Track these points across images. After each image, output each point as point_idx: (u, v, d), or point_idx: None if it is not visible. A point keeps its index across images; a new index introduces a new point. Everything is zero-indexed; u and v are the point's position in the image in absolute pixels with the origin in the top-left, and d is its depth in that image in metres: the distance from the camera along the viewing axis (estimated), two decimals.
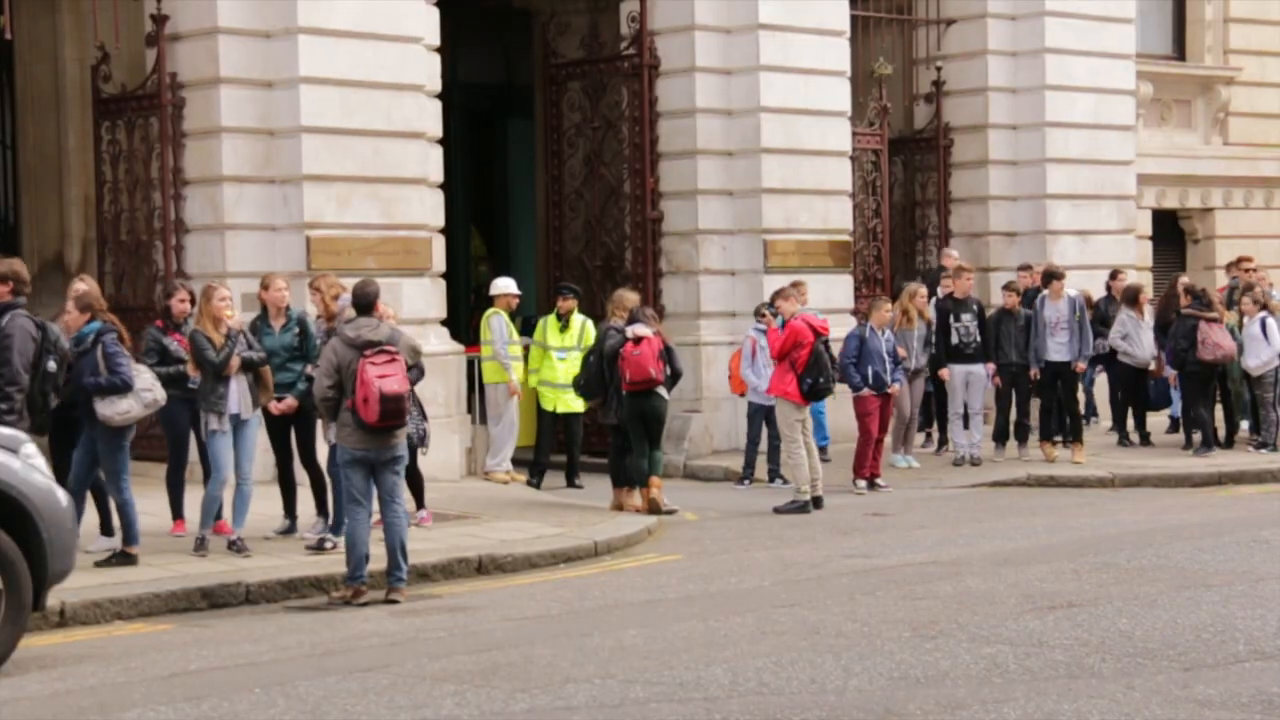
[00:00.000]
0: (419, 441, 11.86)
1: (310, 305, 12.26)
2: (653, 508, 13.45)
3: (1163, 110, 22.52)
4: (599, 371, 14.01)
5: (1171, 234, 22.70)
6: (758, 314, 15.65)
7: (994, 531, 12.55)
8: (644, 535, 12.59)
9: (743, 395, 15.87)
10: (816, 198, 17.81)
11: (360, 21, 14.74)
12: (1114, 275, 18.49)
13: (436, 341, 15.20)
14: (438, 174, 15.64)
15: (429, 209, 15.45)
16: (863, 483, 15.07)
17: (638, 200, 17.54)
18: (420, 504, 12.36)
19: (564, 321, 15.70)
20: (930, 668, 7.81)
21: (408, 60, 15.10)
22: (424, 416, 12.06)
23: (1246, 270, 19.03)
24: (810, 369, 13.97)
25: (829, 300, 17.18)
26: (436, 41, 15.57)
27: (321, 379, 10.20)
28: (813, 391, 14.07)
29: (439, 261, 15.61)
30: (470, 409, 15.89)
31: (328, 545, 11.19)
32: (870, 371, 15.01)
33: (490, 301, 16.13)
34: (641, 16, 17.34)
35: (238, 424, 11.10)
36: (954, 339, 16.21)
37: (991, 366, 16.27)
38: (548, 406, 15.57)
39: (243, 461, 11.14)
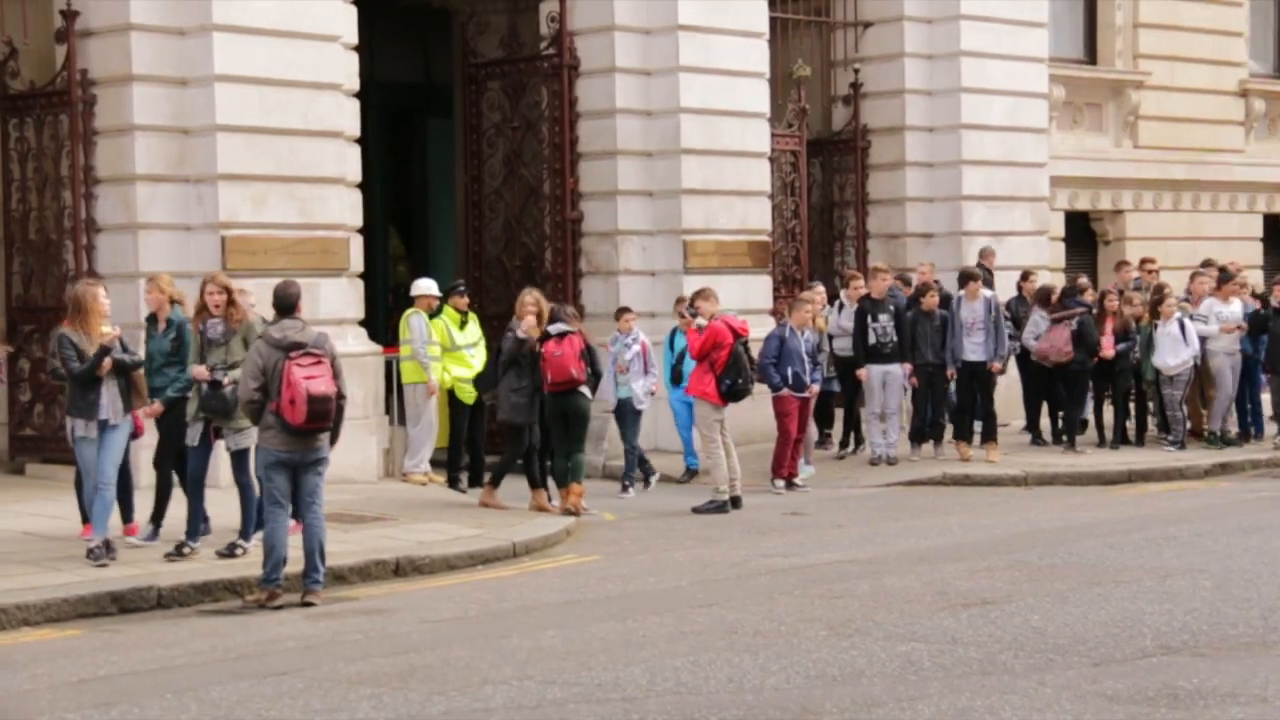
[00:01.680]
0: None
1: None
2: (571, 513, 13.39)
3: (1075, 113, 22.82)
4: (492, 371, 14.13)
5: (1083, 236, 22.99)
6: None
7: (910, 530, 12.66)
8: (562, 536, 12.58)
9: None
10: (736, 199, 17.89)
11: (277, 20, 14.62)
12: (1025, 276, 18.70)
13: (354, 342, 15.11)
14: (356, 173, 15.55)
15: (347, 208, 15.35)
16: (781, 483, 15.15)
17: (557, 201, 17.53)
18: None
19: (464, 317, 15.67)
20: (846, 666, 7.87)
21: (325, 59, 15.00)
22: None
23: (1150, 272, 19.37)
24: (729, 370, 14.07)
25: (748, 301, 17.26)
26: (354, 40, 15.48)
27: (247, 381, 10.10)
28: (731, 392, 14.15)
29: (357, 261, 15.52)
30: (388, 410, 15.81)
31: (238, 551, 11.04)
32: (790, 372, 15.09)
33: (409, 301, 16.05)
34: (561, 17, 17.33)
35: (106, 429, 10.84)
36: (871, 339, 16.32)
37: (909, 366, 16.40)
38: (467, 400, 15.44)
39: (107, 467, 10.83)
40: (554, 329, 13.61)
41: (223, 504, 11.79)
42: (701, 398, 14.19)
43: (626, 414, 15.35)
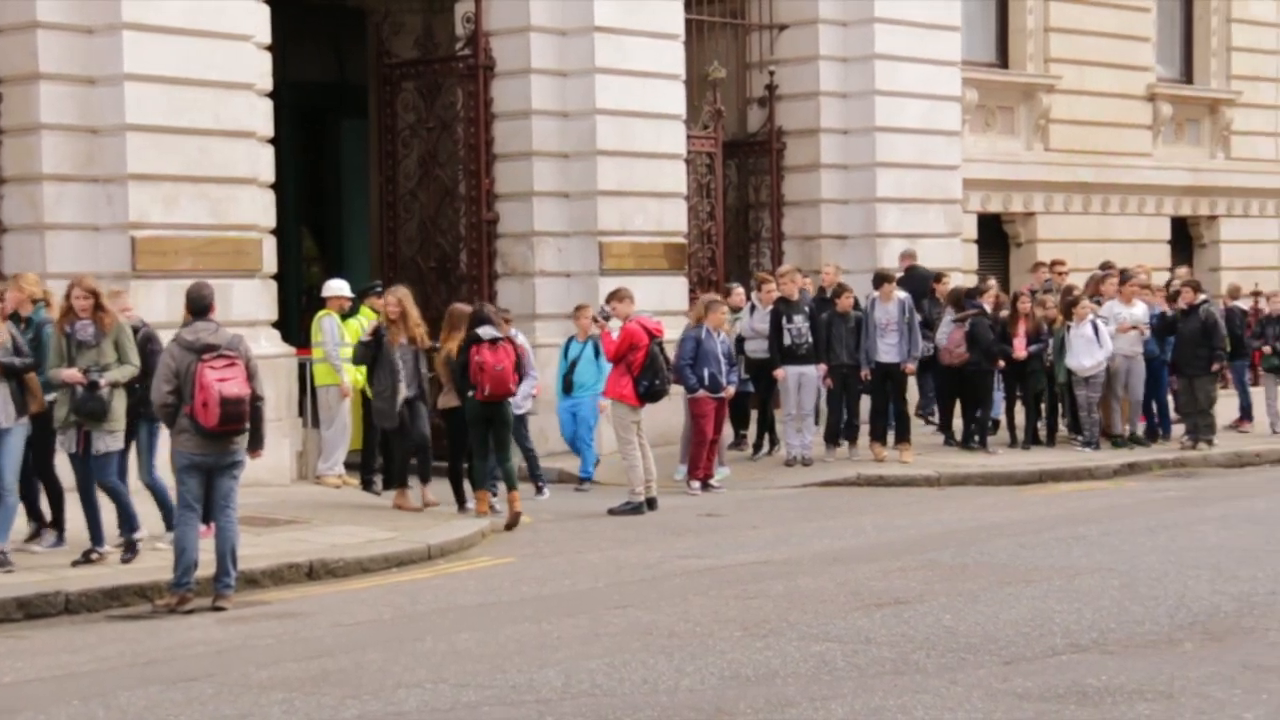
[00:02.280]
0: None
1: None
2: (514, 522, 13.14)
3: (987, 116, 23.07)
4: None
5: (995, 238, 23.25)
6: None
7: (825, 531, 12.74)
8: (478, 538, 12.54)
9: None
10: (651, 200, 17.91)
11: (187, 19, 14.46)
12: (938, 278, 18.87)
13: (267, 344, 14.97)
14: (268, 174, 15.41)
15: (259, 209, 15.21)
16: (696, 484, 15.19)
17: (473, 202, 17.47)
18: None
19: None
20: (761, 666, 7.91)
21: (237, 58, 14.85)
22: None
23: (1060, 274, 19.62)
24: (646, 371, 14.09)
25: (664, 302, 17.30)
26: (267, 39, 15.34)
27: (160, 384, 9.99)
28: (650, 393, 14.18)
29: (270, 262, 15.38)
30: (301, 412, 15.68)
31: (94, 556, 10.86)
32: (706, 373, 15.13)
33: (322, 303, 15.92)
34: (477, 17, 17.27)
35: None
36: (786, 340, 16.40)
37: (823, 368, 16.49)
38: None
39: (4, 472, 10.61)
40: (484, 333, 13.32)
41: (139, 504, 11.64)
42: (619, 400, 14.19)
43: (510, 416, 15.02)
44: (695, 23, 19.04)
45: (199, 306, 10.15)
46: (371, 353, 13.91)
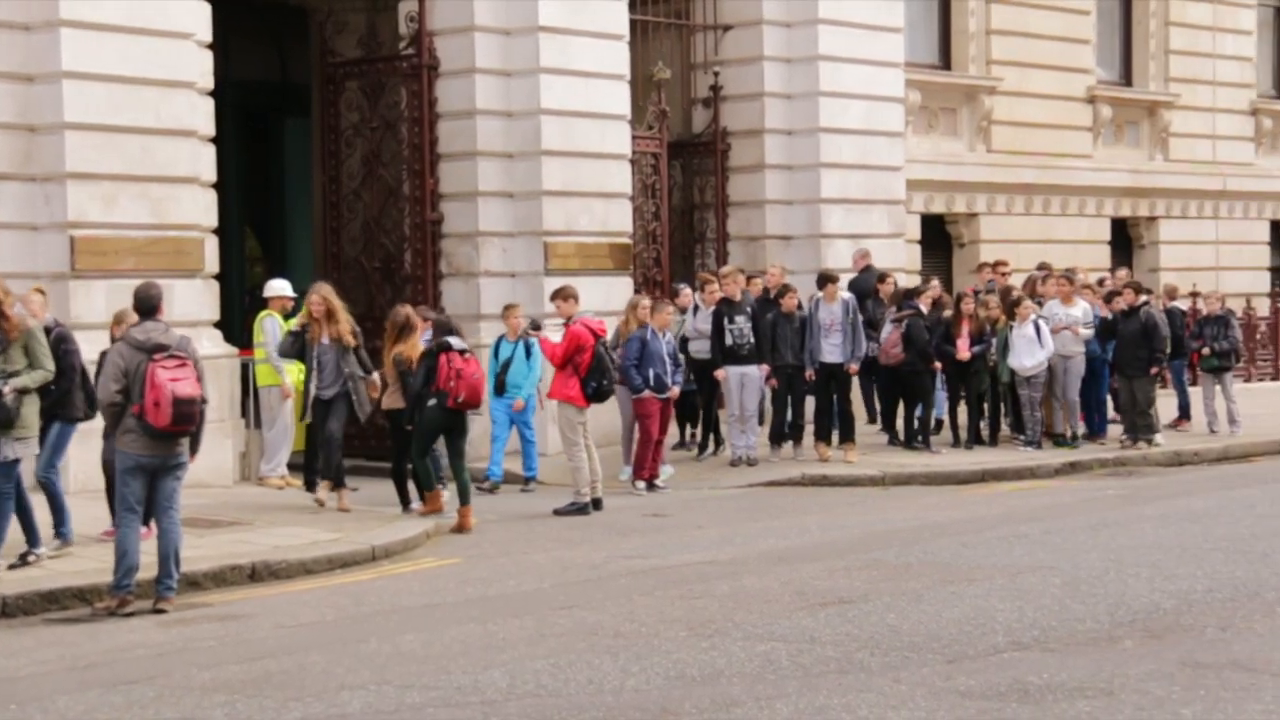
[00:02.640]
0: None
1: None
2: (461, 529, 13.12)
3: (930, 118, 23.21)
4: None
5: (939, 238, 23.39)
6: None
7: (769, 531, 12.77)
8: (422, 539, 12.49)
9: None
10: (596, 200, 17.91)
11: (127, 16, 14.34)
12: (882, 279, 18.95)
13: (209, 344, 14.86)
14: (210, 173, 15.30)
15: (201, 209, 15.10)
16: (642, 484, 15.19)
17: (417, 202, 17.41)
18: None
19: None
20: (706, 666, 7.92)
21: (178, 56, 14.74)
22: None
23: (1003, 274, 19.76)
24: (593, 372, 14.09)
25: (609, 302, 17.27)
26: (208, 38, 15.23)
27: (108, 383, 9.89)
28: (597, 394, 14.18)
29: (212, 262, 15.27)
30: (244, 413, 15.57)
31: (30, 559, 10.74)
32: (651, 374, 15.14)
33: (264, 303, 15.82)
34: (420, 16, 17.22)
35: None
36: (728, 340, 16.42)
37: (766, 368, 16.53)
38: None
39: None
40: (455, 343, 13.32)
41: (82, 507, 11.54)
42: (566, 401, 14.17)
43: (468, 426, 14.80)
44: (640, 23, 19.05)
45: (147, 306, 10.07)
46: (296, 347, 13.83)
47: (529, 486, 15.59)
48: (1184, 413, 19.39)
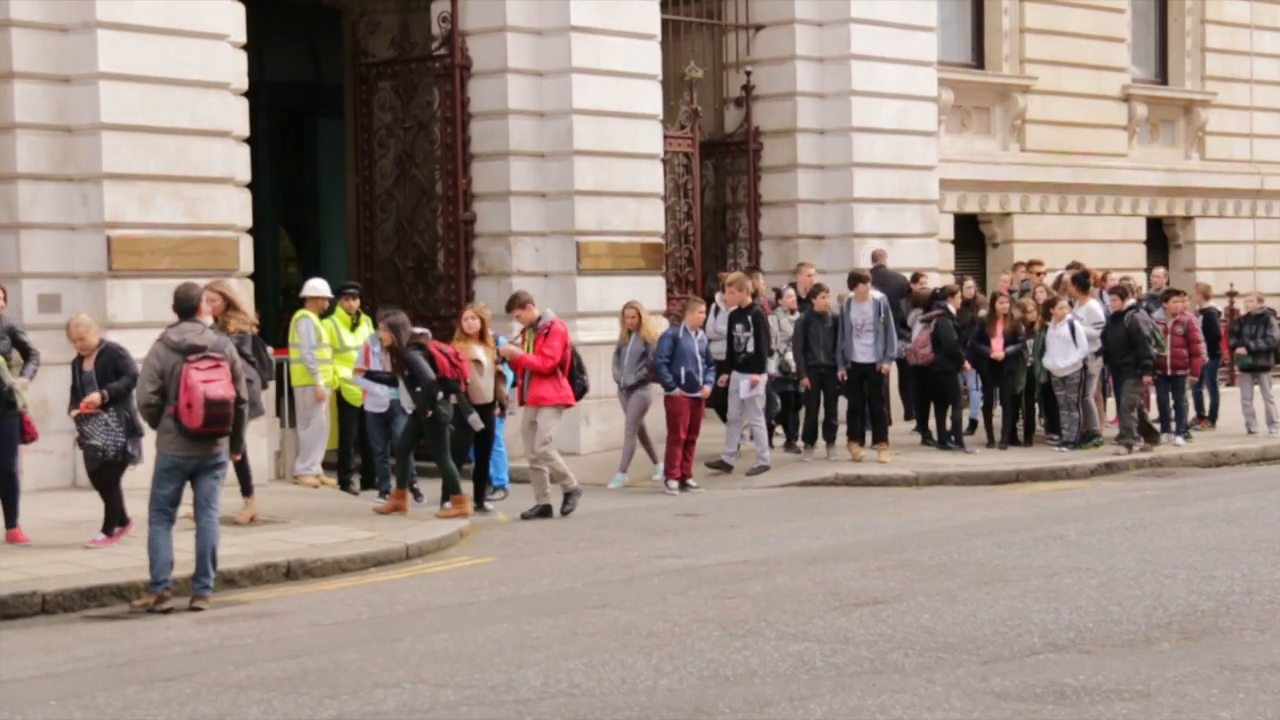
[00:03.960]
0: (117, 454, 11.31)
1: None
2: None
3: (963, 117, 23.14)
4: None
5: (972, 238, 23.32)
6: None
7: (803, 531, 12.75)
8: (456, 538, 12.52)
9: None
10: (629, 200, 17.91)
11: (162, 17, 14.41)
12: (915, 278, 18.91)
13: None
14: (245, 173, 15.36)
15: (236, 209, 15.17)
16: (674, 484, 15.18)
17: (450, 201, 17.44)
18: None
19: (355, 320, 15.52)
20: (739, 666, 7.91)
21: (213, 57, 14.81)
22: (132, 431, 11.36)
23: (1038, 274, 19.66)
24: (577, 369, 14.02)
25: (641, 302, 17.26)
26: (242, 39, 15.30)
27: (144, 384, 9.97)
28: (583, 391, 14.16)
29: (246, 262, 15.33)
30: (279, 412, 15.63)
31: None
32: (683, 372, 15.12)
33: (299, 303, 15.87)
34: (453, 17, 17.25)
35: None
36: (735, 347, 15.96)
37: (760, 377, 15.94)
38: (354, 402, 15.28)
39: None
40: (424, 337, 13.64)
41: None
42: (561, 404, 13.89)
43: (395, 416, 14.54)
44: (672, 23, 19.05)
45: (186, 307, 10.13)
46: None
47: (500, 496, 14.83)
48: (1212, 414, 19.19)
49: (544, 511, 13.72)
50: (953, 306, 17.43)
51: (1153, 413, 18.11)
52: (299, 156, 23.07)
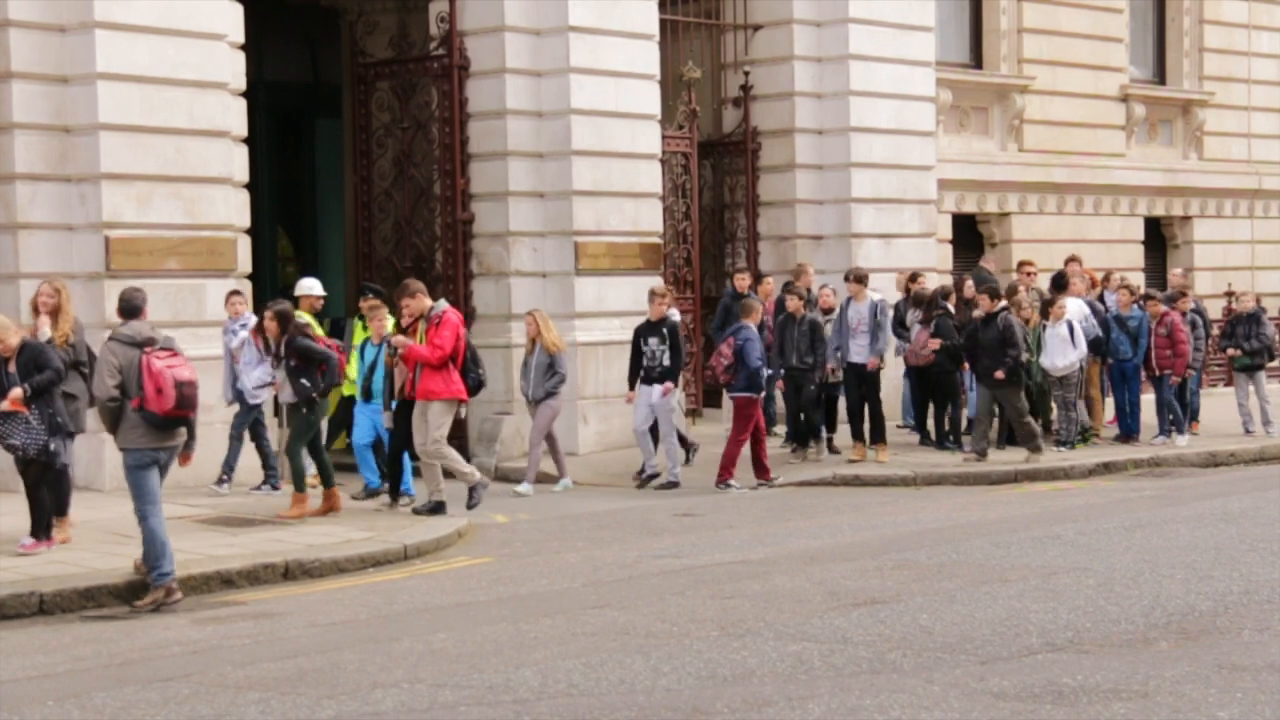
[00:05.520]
0: (38, 454, 11.13)
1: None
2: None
3: (961, 117, 23.14)
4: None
5: (970, 238, 23.32)
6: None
7: (801, 530, 12.75)
8: (454, 538, 12.52)
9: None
10: (627, 200, 17.91)
11: (160, 17, 14.43)
12: (914, 278, 18.89)
13: None
14: (243, 173, 15.37)
15: (234, 209, 15.17)
16: (732, 484, 15.17)
17: (448, 202, 17.45)
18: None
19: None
20: (738, 666, 7.91)
21: (211, 57, 14.82)
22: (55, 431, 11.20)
23: (1028, 274, 19.58)
24: (471, 363, 13.70)
25: (639, 302, 17.26)
26: (240, 39, 15.31)
27: (104, 380, 9.97)
28: (478, 386, 13.84)
29: (244, 262, 15.34)
30: (276, 412, 15.59)
31: None
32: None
33: (296, 303, 15.83)
34: (451, 17, 17.25)
35: None
36: (644, 360, 15.71)
37: (670, 385, 15.70)
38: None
39: None
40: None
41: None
42: (453, 398, 13.50)
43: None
44: (670, 23, 19.06)
45: (132, 308, 10.30)
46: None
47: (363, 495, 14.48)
48: (1193, 415, 19.01)
49: (436, 508, 13.32)
50: (952, 306, 17.40)
51: (1150, 413, 18.13)
52: (297, 157, 23.08)
